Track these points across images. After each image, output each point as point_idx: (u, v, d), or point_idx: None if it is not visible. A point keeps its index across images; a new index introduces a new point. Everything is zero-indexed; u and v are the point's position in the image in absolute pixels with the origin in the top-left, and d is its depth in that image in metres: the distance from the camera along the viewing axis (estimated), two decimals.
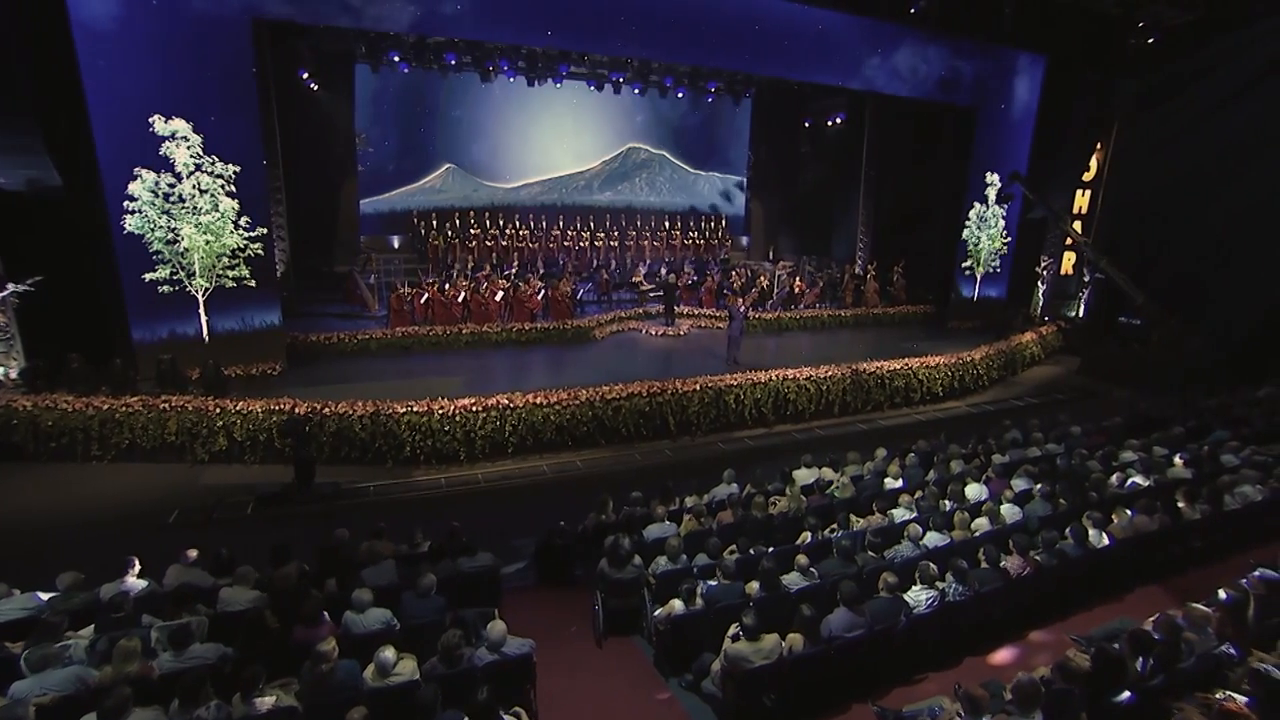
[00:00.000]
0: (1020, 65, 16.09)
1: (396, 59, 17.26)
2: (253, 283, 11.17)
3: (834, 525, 6.73)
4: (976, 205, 16.83)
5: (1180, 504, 6.89)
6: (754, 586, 5.49)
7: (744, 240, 24.81)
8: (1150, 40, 15.14)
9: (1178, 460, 8.26)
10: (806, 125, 23.24)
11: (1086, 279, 18.21)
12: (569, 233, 20.88)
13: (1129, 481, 7.72)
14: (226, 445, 9.68)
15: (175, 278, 10.68)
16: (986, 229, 17.02)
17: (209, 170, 10.47)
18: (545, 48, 15.89)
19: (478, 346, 13.86)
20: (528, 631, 6.23)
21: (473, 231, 19.66)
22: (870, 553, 5.96)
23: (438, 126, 20.74)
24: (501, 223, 20.35)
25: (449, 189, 21.47)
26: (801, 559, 5.61)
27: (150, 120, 9.96)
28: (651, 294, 16.56)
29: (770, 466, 8.30)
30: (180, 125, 10.16)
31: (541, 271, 17.80)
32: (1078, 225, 17.73)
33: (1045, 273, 18.30)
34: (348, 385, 11.34)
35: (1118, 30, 15.33)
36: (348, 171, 18.58)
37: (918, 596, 5.15)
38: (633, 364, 13.35)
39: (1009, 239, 17.28)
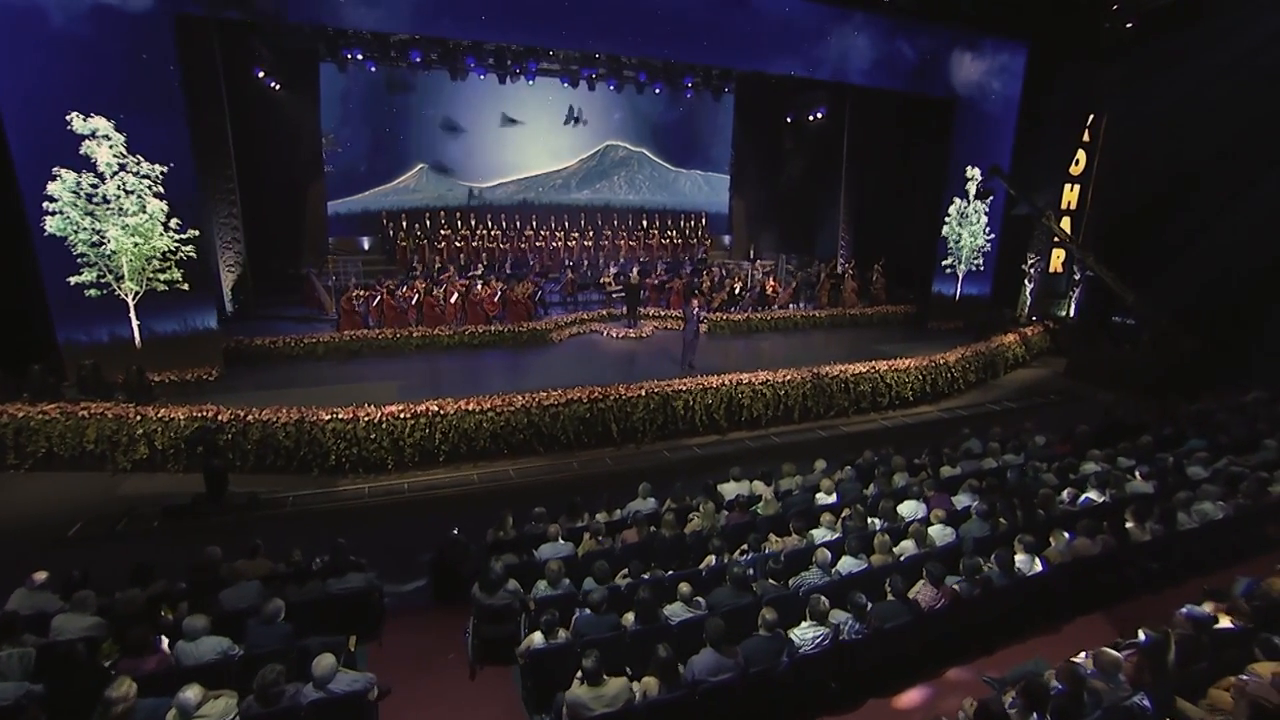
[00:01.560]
0: (999, 54, 15.39)
1: (360, 57, 16.90)
2: (186, 286, 10.80)
3: (744, 547, 6.17)
4: (957, 201, 16.15)
5: (1129, 524, 6.27)
6: (630, 618, 4.97)
7: (726, 239, 24.22)
8: (1129, 24, 14.38)
9: (1138, 474, 7.62)
10: (789, 121, 22.64)
11: (1077, 277, 17.45)
12: (542, 232, 20.43)
13: (1082, 498, 7.10)
14: (148, 454, 9.31)
15: (103, 281, 10.33)
16: (968, 225, 16.32)
17: (134, 170, 10.10)
18: (493, 42, 15.35)
19: (428, 350, 13.43)
20: (403, 657, 5.79)
21: (443, 232, 19.26)
22: (771, 580, 5.41)
23: (410, 126, 20.38)
24: (474, 223, 19.94)
25: (423, 189, 21.11)
26: (684, 587, 5.07)
27: (68, 118, 9.61)
28: (615, 295, 16.03)
29: (713, 477, 7.75)
30: (101, 123, 9.81)
31: (507, 272, 17.34)
32: (1067, 221, 16.98)
33: (1032, 271, 17.56)
34: (284, 390, 10.94)
35: (1095, 15, 14.59)
36: (314, 173, 18.24)
37: (805, 635, 4.59)
38: (587, 368, 12.85)
39: (992, 236, 16.57)
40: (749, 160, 23.36)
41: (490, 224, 20.09)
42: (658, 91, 21.53)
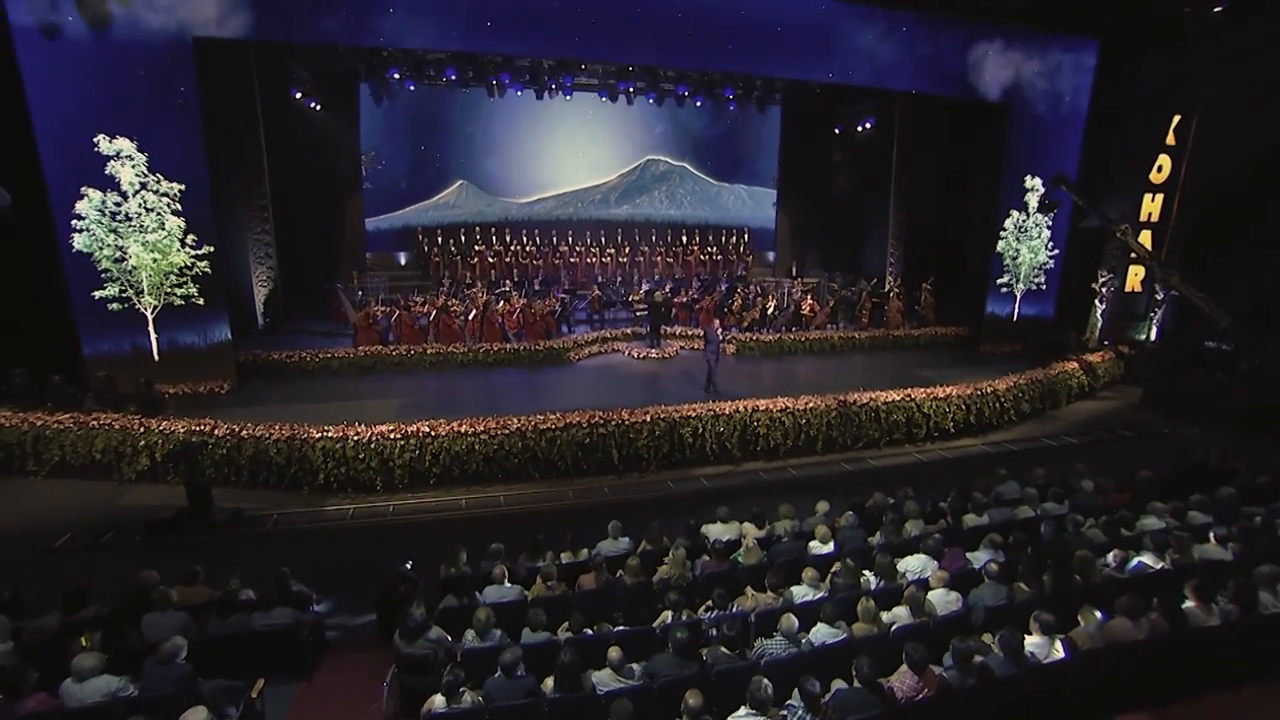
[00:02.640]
0: (1062, 51, 13.97)
1: (397, 76, 17.20)
2: (201, 300, 11.01)
3: (709, 603, 5.40)
4: (1014, 214, 14.72)
5: (1189, 601, 5.11)
6: (550, 684, 4.33)
7: (771, 256, 23.27)
8: (1217, 8, 12.66)
9: (1213, 535, 6.32)
10: (837, 132, 21.59)
11: (1159, 296, 15.58)
12: (577, 248, 20.16)
13: (1134, 562, 5.92)
14: (149, 465, 9.42)
15: (124, 295, 10.66)
16: (1027, 240, 14.84)
17: (154, 189, 10.39)
18: (528, 57, 15.18)
19: (442, 368, 13.24)
20: (329, 702, 5.34)
21: (476, 248, 19.30)
22: (724, 649, 4.63)
23: (450, 142, 20.66)
24: (508, 238, 19.90)
25: (462, 205, 21.33)
26: (614, 653, 4.38)
27: (95, 139, 9.97)
28: (641, 313, 15.45)
29: (699, 516, 7.01)
30: (124, 144, 10.14)
31: (535, 289, 17.09)
32: (1147, 235, 15.21)
33: (1104, 290, 15.79)
34: (289, 405, 10.97)
35: (1176, 3, 12.98)
36: (352, 189, 18.67)
37: None
38: (600, 389, 12.31)
39: (1055, 252, 15.00)
40: (795, 174, 22.41)
41: (525, 239, 19.97)
42: (699, 105, 20.99)
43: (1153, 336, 15.54)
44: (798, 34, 13.02)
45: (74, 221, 10.16)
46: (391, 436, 9.37)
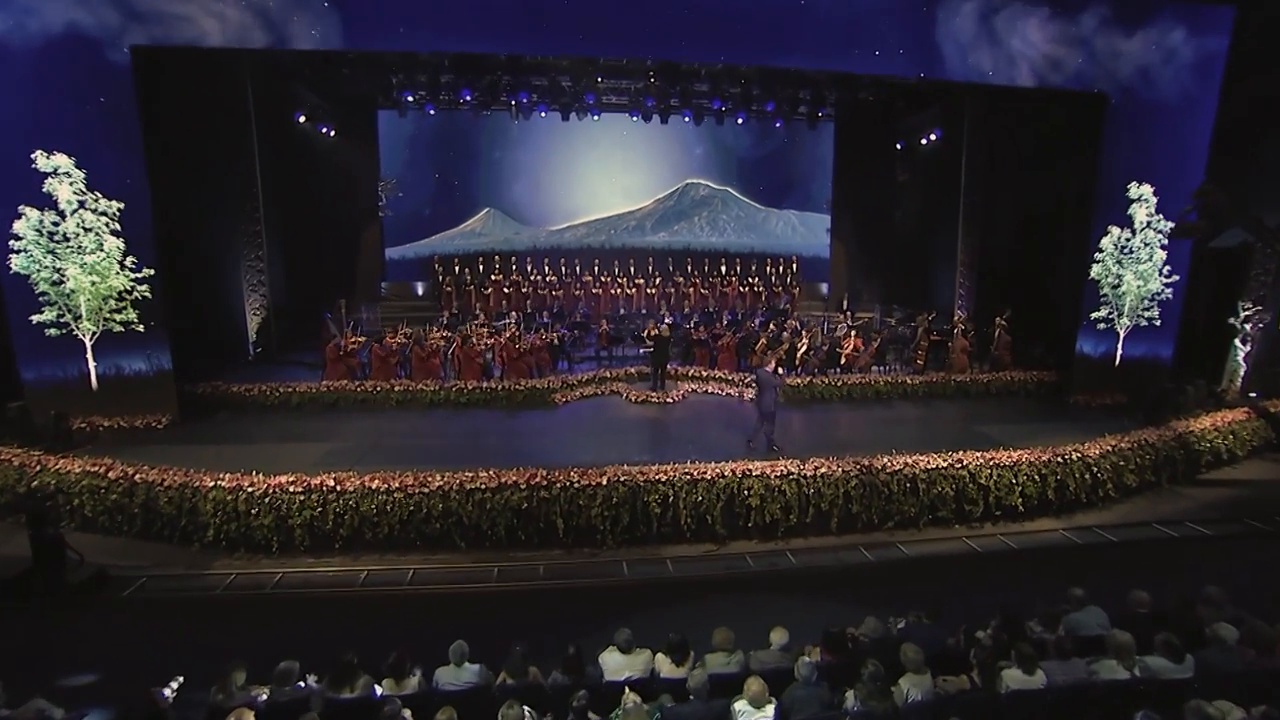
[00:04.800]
0: (1180, 23, 10.96)
1: (410, 99, 16.49)
2: (141, 327, 10.13)
3: None
4: (1114, 231, 11.63)
5: None
6: None
7: (824, 288, 20.66)
8: None
9: None
10: (899, 149, 18.99)
11: None
12: (602, 278, 18.52)
13: None
14: None
15: (62, 320, 9.93)
16: (1132, 264, 11.66)
17: (92, 207, 9.67)
18: (538, 55, 13.74)
19: (408, 408, 11.77)
20: None
21: (493, 277, 18.09)
22: None
23: (477, 169, 19.85)
24: (529, 267, 18.59)
25: (489, 233, 20.40)
26: None
27: (33, 155, 9.38)
28: (643, 350, 13.46)
29: (629, 635, 4.88)
30: (62, 160, 9.50)
31: (544, 321, 15.52)
32: None
33: (1249, 327, 12.22)
34: (223, 446, 9.82)
35: None
36: (368, 218, 18.04)
37: None
38: (578, 439, 10.43)
39: (1175, 278, 11.68)
40: (851, 196, 19.88)
41: (547, 268, 18.58)
42: (740, 122, 19.12)
43: None
44: (844, 21, 10.85)
45: (11, 242, 9.55)
46: (290, 490, 7.86)
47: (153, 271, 10.03)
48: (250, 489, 7.85)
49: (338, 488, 7.89)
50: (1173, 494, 9.56)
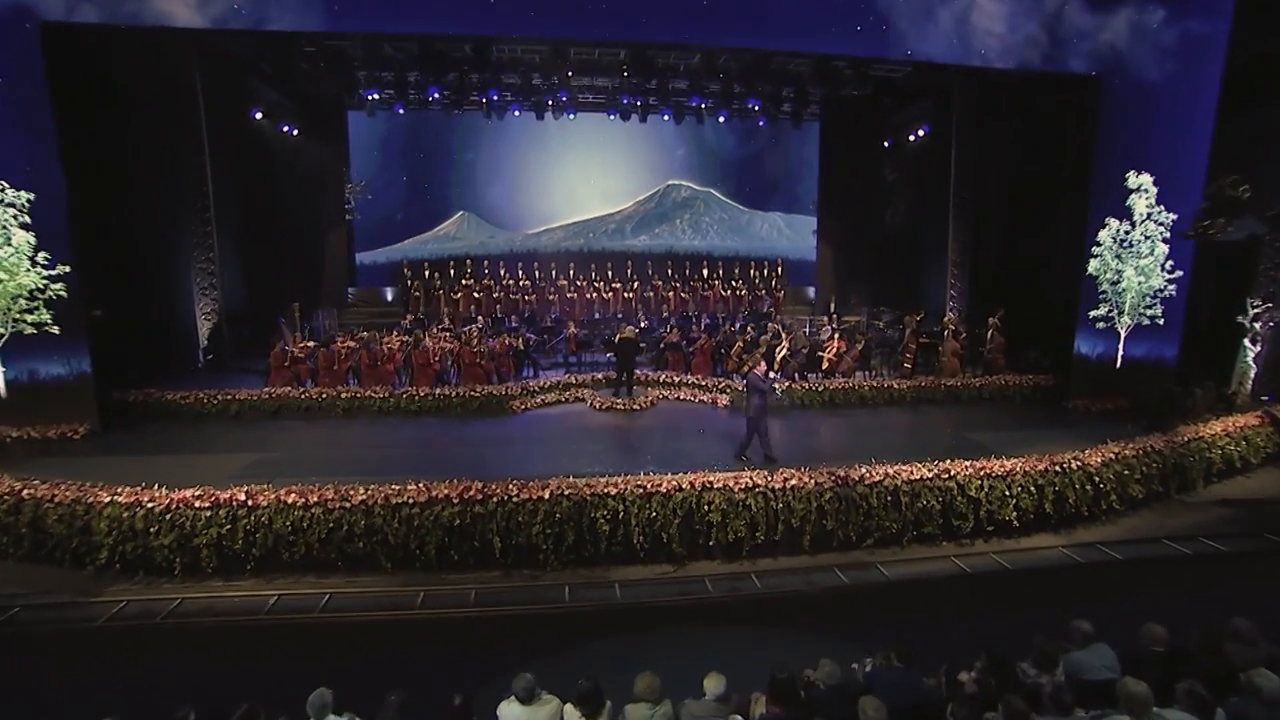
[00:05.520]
0: (1176, 1, 10.24)
1: (375, 97, 15.81)
2: (56, 329, 9.30)
3: None
4: (1112, 223, 10.84)
5: None
6: None
7: (811, 291, 19.87)
8: None
9: None
10: (887, 146, 18.31)
11: None
12: (578, 281, 17.76)
13: None
14: None
15: None
16: (1132, 259, 10.85)
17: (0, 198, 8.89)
18: (479, 35, 12.87)
19: (355, 415, 10.93)
20: None
21: (464, 282, 17.32)
22: None
23: (450, 171, 19.18)
24: (502, 271, 17.83)
25: (464, 237, 19.70)
26: None
27: None
28: (609, 354, 12.63)
29: (530, 682, 4.01)
30: None
31: (511, 325, 14.70)
32: None
33: (1260, 326, 11.39)
34: (141, 457, 8.95)
35: None
36: (334, 220, 17.31)
37: None
38: (533, 449, 9.59)
39: (1178, 274, 10.87)
40: (839, 197, 19.17)
41: (521, 273, 17.82)
42: (722, 121, 18.46)
43: None
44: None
45: None
46: (196, 506, 7.00)
47: (69, 268, 9.21)
48: (150, 504, 7.00)
49: (249, 503, 7.04)
50: (1182, 506, 8.70)
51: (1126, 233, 10.84)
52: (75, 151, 9.68)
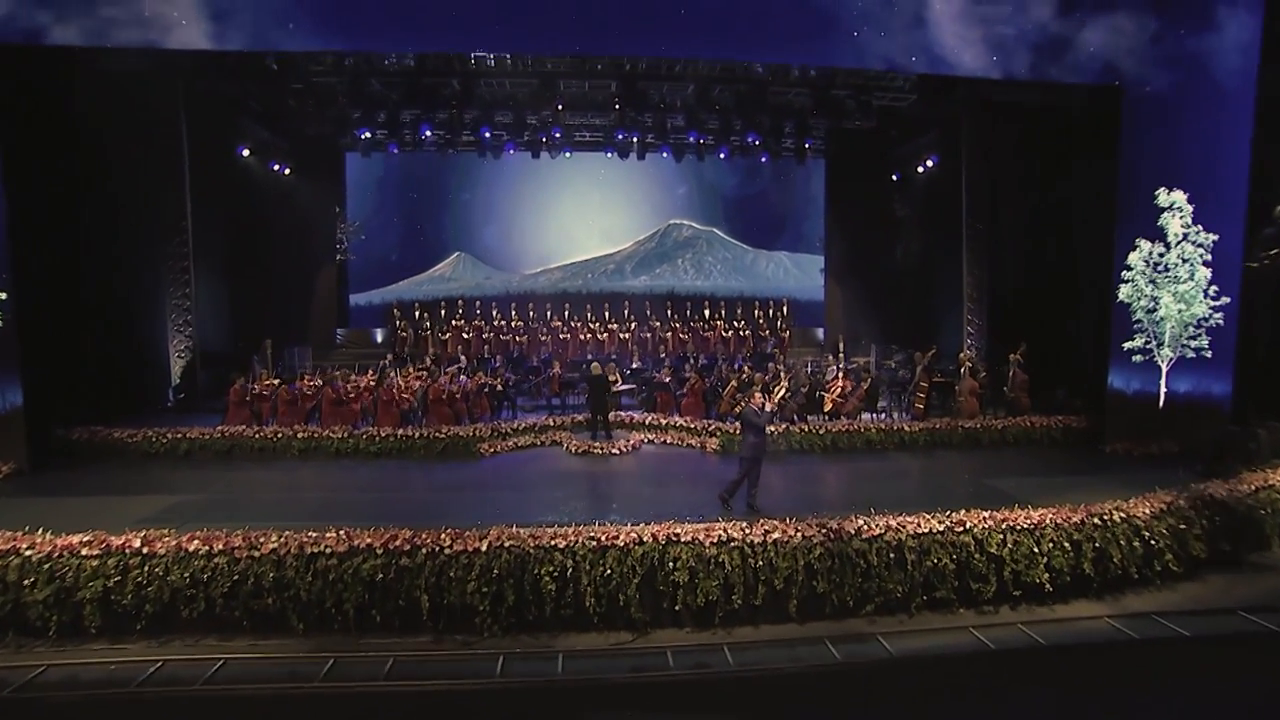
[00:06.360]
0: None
1: (368, 136, 15.66)
2: None
3: None
4: (1143, 245, 9.76)
5: None
6: None
7: (819, 332, 18.85)
8: None
9: None
10: (895, 180, 17.59)
11: None
12: (572, 322, 17.03)
13: None
14: None
15: None
16: (1169, 284, 9.69)
17: None
18: (479, 52, 12.53)
19: (311, 456, 10.08)
20: None
21: (454, 322, 16.73)
22: None
23: (446, 212, 18.91)
24: (494, 312, 17.22)
25: (459, 278, 19.26)
26: None
27: None
28: (620, 392, 11.69)
29: None
30: None
31: (494, 365, 13.90)
32: None
33: None
34: (61, 500, 8.20)
35: None
36: (326, 259, 16.97)
37: None
38: (487, 499, 8.56)
39: (1226, 300, 9.64)
40: (846, 234, 18.36)
41: (514, 313, 17.18)
42: (723, 158, 18.01)
43: None
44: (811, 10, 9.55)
45: None
46: (83, 554, 6.10)
47: (4, 295, 8.68)
48: (30, 552, 6.11)
49: (144, 550, 6.12)
50: (1258, 569, 7.28)
51: (1160, 255, 9.72)
52: (31, 182, 9.36)
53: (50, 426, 9.85)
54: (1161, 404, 9.79)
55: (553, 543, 6.19)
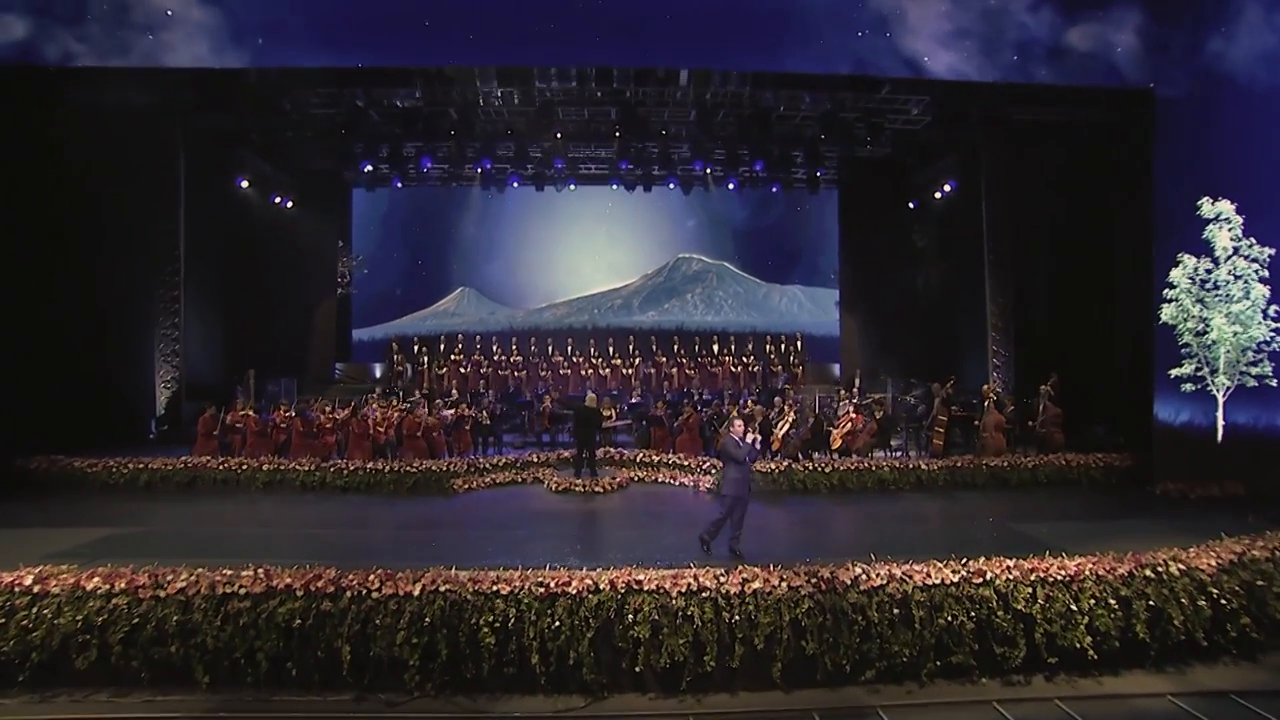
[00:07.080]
0: None
1: (369, 169, 15.59)
2: None
3: None
4: (1187, 260, 8.75)
5: None
6: None
7: (835, 368, 17.85)
8: None
9: None
10: (912, 208, 16.84)
11: None
12: (574, 357, 16.43)
13: None
14: None
15: None
16: (1221, 304, 8.63)
17: None
18: (477, 65, 12.21)
19: (275, 490, 9.44)
20: None
21: (453, 357, 16.27)
22: None
23: (451, 247, 18.72)
24: (494, 347, 16.73)
25: (463, 313, 18.92)
26: None
27: None
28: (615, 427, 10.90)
29: None
30: None
31: (487, 399, 13.26)
32: None
33: None
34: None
35: None
36: (326, 294, 16.77)
37: None
38: (452, 539, 7.72)
39: None
40: (862, 266, 17.62)
41: (514, 348, 16.65)
42: (732, 188, 17.52)
43: None
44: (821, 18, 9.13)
45: None
46: None
47: None
48: None
49: (36, 589, 5.43)
50: None
51: (1209, 272, 8.71)
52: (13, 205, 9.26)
53: (11, 456, 9.44)
54: (1219, 437, 8.58)
55: (495, 588, 5.33)
